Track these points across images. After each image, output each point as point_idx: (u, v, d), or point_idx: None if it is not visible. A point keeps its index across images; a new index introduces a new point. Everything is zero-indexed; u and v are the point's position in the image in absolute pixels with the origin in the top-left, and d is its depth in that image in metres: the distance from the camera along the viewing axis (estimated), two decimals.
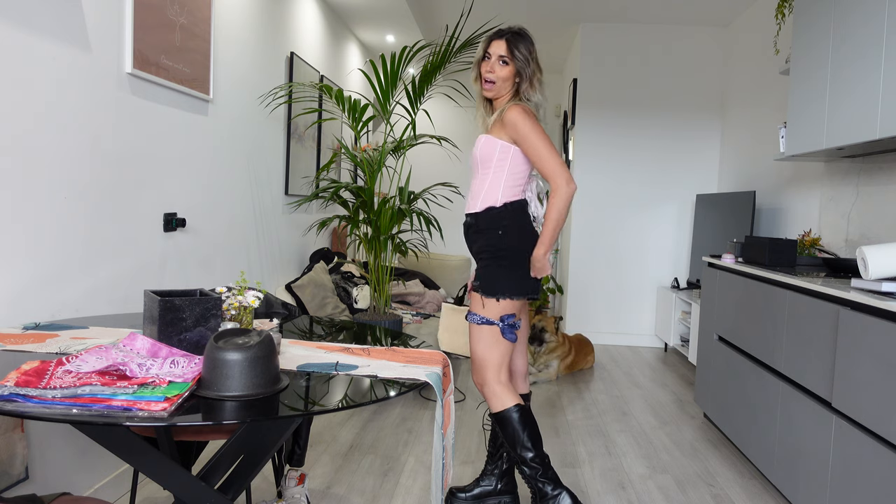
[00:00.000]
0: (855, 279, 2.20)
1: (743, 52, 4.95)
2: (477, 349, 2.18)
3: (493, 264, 2.16)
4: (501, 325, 2.14)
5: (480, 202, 2.19)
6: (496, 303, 2.13)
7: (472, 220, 2.23)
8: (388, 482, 2.59)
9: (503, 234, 2.15)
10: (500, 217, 2.17)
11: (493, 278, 2.15)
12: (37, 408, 1.11)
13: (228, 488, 1.44)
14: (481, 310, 2.16)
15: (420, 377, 1.43)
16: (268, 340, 1.28)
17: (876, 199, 3.02)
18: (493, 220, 2.17)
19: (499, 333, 2.14)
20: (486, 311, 2.15)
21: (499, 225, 2.17)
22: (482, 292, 2.15)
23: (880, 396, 1.89)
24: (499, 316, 2.14)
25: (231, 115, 3.14)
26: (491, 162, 2.17)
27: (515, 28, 2.20)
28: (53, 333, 1.69)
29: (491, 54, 2.17)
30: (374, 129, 5.99)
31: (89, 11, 2.09)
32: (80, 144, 2.08)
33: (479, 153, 2.20)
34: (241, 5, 3.24)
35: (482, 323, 2.15)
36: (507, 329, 2.15)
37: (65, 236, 2.04)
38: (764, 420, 2.67)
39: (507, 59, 2.15)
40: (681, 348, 4.88)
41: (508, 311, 2.15)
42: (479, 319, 2.16)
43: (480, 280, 2.17)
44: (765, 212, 4.35)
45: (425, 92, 3.62)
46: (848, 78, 2.69)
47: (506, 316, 2.14)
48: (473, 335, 2.19)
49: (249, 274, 3.41)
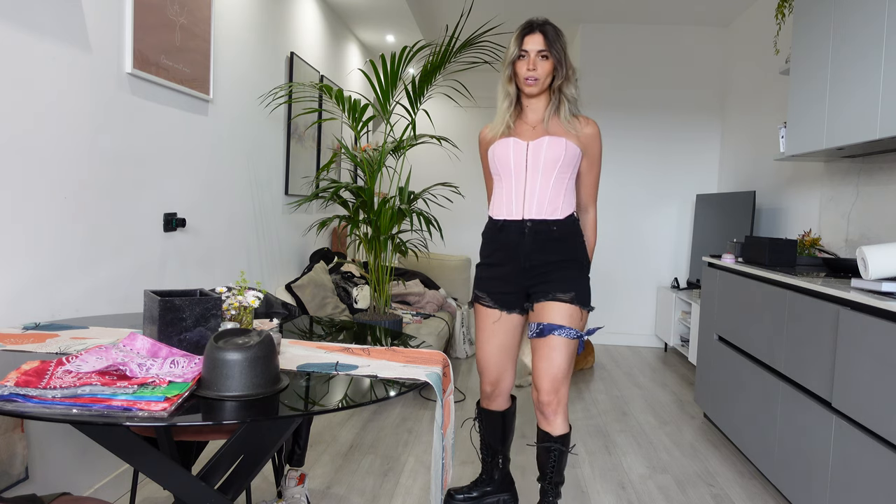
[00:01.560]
0: (855, 279, 2.20)
1: (743, 52, 4.95)
2: (564, 366, 2.07)
3: (583, 275, 2.12)
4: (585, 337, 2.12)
5: (562, 208, 2.11)
6: (586, 314, 2.11)
7: (550, 227, 2.11)
8: (388, 482, 2.59)
9: (583, 243, 2.15)
10: (577, 226, 2.15)
11: (587, 289, 2.11)
12: (37, 408, 1.11)
13: (228, 488, 1.44)
14: (577, 322, 2.08)
15: (420, 377, 1.43)
16: (268, 340, 1.28)
17: (876, 199, 3.02)
18: (575, 228, 2.13)
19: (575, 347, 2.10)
20: (579, 325, 2.09)
21: (580, 233, 2.15)
22: (580, 304, 2.08)
23: (880, 396, 1.89)
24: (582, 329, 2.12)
25: (231, 115, 3.14)
26: (570, 167, 2.10)
27: (542, 20, 2.09)
28: (53, 333, 1.69)
29: (528, 51, 2.05)
30: (374, 129, 5.99)
31: (89, 11, 2.09)
32: (80, 144, 2.08)
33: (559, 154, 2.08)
34: (241, 5, 3.23)
35: (576, 337, 2.07)
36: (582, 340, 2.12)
37: (65, 236, 2.04)
38: (764, 420, 2.67)
39: (546, 53, 2.05)
40: (681, 348, 4.88)
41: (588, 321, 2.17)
42: (575, 334, 2.07)
43: (576, 291, 2.08)
44: (765, 212, 4.35)
45: (425, 92, 3.62)
46: (848, 78, 2.69)
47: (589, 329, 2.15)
48: (564, 351, 2.06)
49: (249, 274, 3.41)
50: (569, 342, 2.06)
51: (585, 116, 2.15)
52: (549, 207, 2.09)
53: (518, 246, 2.12)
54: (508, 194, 2.13)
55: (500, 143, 2.14)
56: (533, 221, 2.10)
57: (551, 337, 2.05)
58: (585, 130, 2.11)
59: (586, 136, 2.12)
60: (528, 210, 2.10)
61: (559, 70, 2.08)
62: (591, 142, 2.13)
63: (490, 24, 3.71)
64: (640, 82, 5.47)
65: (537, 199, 2.10)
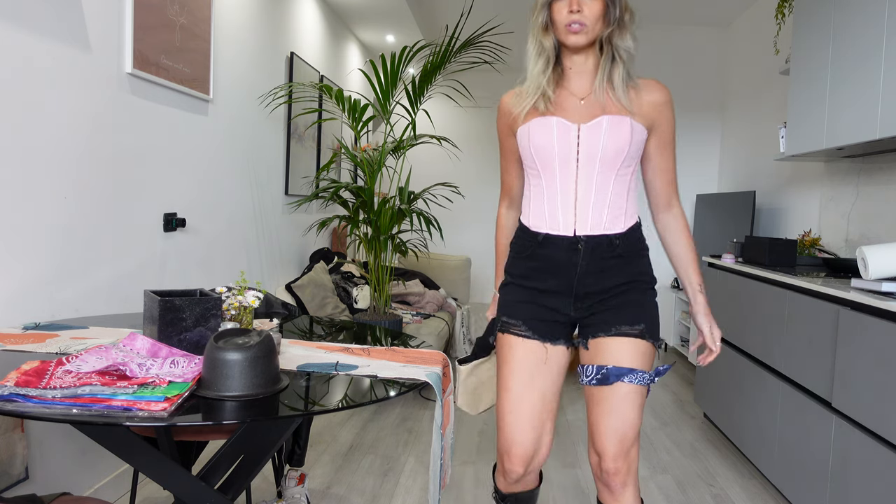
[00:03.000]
0: (855, 279, 2.20)
1: (743, 52, 4.95)
2: (637, 421, 1.51)
3: (651, 300, 1.61)
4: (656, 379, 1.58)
5: (626, 216, 1.56)
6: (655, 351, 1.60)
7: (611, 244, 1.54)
8: (388, 482, 2.59)
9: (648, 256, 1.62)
10: (642, 238, 1.61)
11: (657, 318, 1.62)
12: (37, 408, 1.11)
13: (228, 488, 1.44)
14: (648, 362, 1.55)
15: (420, 377, 1.43)
16: (268, 340, 1.28)
17: (876, 199, 3.02)
18: (640, 242, 1.60)
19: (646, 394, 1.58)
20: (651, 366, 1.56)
21: (645, 244, 1.61)
22: (652, 338, 1.56)
23: (880, 396, 1.89)
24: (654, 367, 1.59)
25: (231, 115, 3.14)
26: (636, 158, 1.55)
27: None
28: (53, 333, 1.69)
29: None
30: (374, 129, 5.99)
31: (89, 11, 2.09)
32: (80, 144, 2.08)
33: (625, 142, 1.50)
34: (241, 5, 3.23)
35: (650, 382, 1.54)
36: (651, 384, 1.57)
37: (65, 236, 2.04)
38: (764, 420, 2.67)
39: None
40: (681, 348, 4.88)
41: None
42: (648, 378, 1.53)
43: (646, 322, 1.56)
44: (765, 212, 4.34)
45: (425, 92, 3.62)
46: (848, 78, 2.69)
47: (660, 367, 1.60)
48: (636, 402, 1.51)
49: (249, 274, 3.41)
50: (641, 390, 1.52)
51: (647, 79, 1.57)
52: (610, 217, 1.53)
53: (568, 269, 1.55)
54: (552, 198, 1.54)
55: (538, 123, 1.52)
56: (589, 238, 1.53)
57: (619, 385, 1.50)
58: (651, 98, 1.53)
59: (653, 105, 1.53)
60: (582, 222, 1.53)
61: (611, 11, 1.50)
62: (660, 114, 1.54)
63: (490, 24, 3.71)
64: None
65: (594, 206, 1.53)
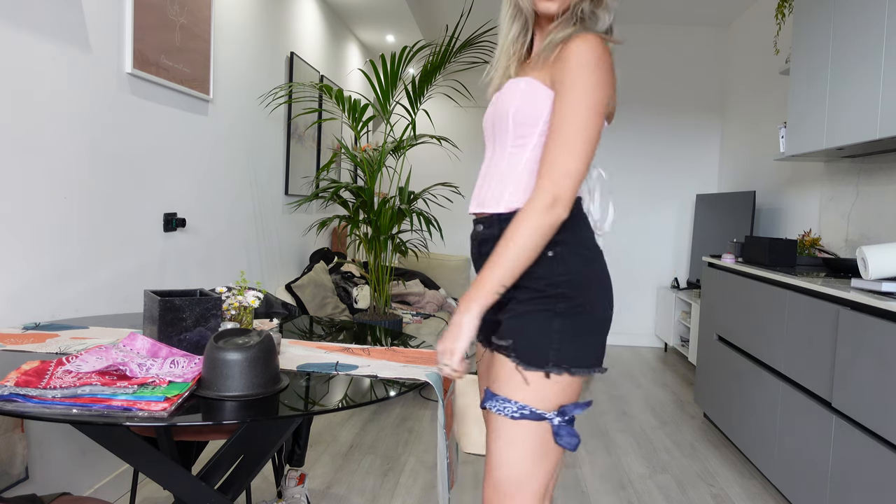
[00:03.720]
0: (855, 279, 2.20)
1: (743, 52, 4.95)
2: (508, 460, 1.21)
3: (540, 310, 1.22)
4: (557, 420, 1.20)
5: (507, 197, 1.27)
6: (546, 380, 1.20)
7: (489, 230, 1.30)
8: (388, 482, 2.59)
9: (556, 256, 1.23)
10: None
11: (543, 334, 1.21)
12: (37, 408, 1.11)
13: (228, 488, 1.44)
14: (518, 392, 1.20)
15: (420, 377, 1.43)
16: (268, 340, 1.28)
17: (876, 199, 3.02)
18: None
19: (549, 435, 1.21)
20: (526, 395, 1.20)
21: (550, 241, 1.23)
22: (519, 359, 1.21)
23: (880, 396, 1.89)
24: (555, 404, 1.21)
25: (231, 115, 3.14)
26: (533, 124, 1.25)
27: None
28: (53, 333, 1.69)
29: None
30: (374, 129, 5.99)
31: (89, 11, 2.09)
32: (80, 144, 2.08)
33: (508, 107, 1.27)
34: (241, 5, 3.23)
35: (521, 417, 1.20)
36: (564, 428, 1.20)
37: (65, 236, 2.04)
38: (764, 420, 2.67)
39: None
40: (681, 348, 4.88)
41: (570, 395, 1.22)
42: (514, 409, 1.20)
43: (514, 337, 1.22)
44: (765, 212, 4.34)
45: (425, 92, 3.62)
46: (848, 78, 2.69)
47: (572, 405, 1.22)
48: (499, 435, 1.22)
49: (249, 274, 3.41)
50: (506, 423, 1.21)
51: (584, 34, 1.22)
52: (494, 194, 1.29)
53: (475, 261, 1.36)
54: None
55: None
56: (478, 219, 1.34)
57: (487, 412, 1.26)
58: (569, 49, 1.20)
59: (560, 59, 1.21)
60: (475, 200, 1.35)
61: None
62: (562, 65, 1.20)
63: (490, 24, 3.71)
64: (640, 82, 5.47)
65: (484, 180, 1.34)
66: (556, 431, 1.21)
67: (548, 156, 1.18)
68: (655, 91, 5.45)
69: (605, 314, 1.26)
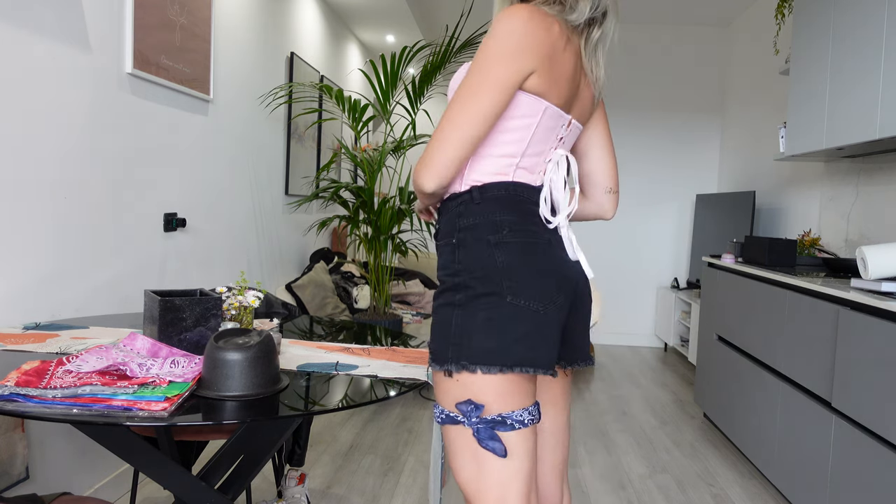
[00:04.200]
0: (855, 279, 2.20)
1: (743, 52, 4.95)
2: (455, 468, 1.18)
3: (442, 303, 1.17)
4: (473, 423, 1.13)
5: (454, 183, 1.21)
6: (450, 380, 1.14)
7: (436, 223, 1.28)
8: (388, 482, 2.59)
9: (458, 243, 1.17)
10: (458, 216, 1.18)
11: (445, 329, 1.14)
12: (37, 408, 1.11)
13: (228, 488, 1.44)
14: (438, 394, 1.18)
15: (420, 377, 1.43)
16: (268, 340, 1.28)
17: (876, 199, 3.02)
18: (451, 221, 1.20)
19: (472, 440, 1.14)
20: (442, 397, 1.17)
21: (454, 227, 1.18)
22: (431, 358, 1.17)
23: (880, 396, 1.89)
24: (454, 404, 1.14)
25: (231, 115, 3.14)
26: None
27: None
28: (54, 333, 1.69)
29: None
30: (374, 129, 5.99)
31: (89, 11, 2.09)
32: (81, 144, 2.08)
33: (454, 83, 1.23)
34: (241, 5, 3.24)
35: (442, 422, 1.17)
36: (484, 431, 1.12)
37: (65, 236, 2.04)
38: (764, 420, 2.67)
39: None
40: (681, 348, 4.88)
41: (484, 396, 1.12)
42: (437, 413, 1.18)
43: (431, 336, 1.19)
44: (764, 212, 4.35)
45: (425, 92, 3.62)
46: (848, 78, 2.69)
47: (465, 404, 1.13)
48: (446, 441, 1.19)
49: (249, 274, 3.41)
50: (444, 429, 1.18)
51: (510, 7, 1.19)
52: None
53: None
54: None
55: None
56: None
57: None
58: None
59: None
60: None
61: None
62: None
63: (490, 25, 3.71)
64: (640, 82, 5.47)
65: None
66: (476, 435, 1.13)
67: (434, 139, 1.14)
68: (656, 91, 5.45)
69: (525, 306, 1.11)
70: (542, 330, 1.13)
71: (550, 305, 1.14)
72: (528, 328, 1.12)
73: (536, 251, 1.16)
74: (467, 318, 1.12)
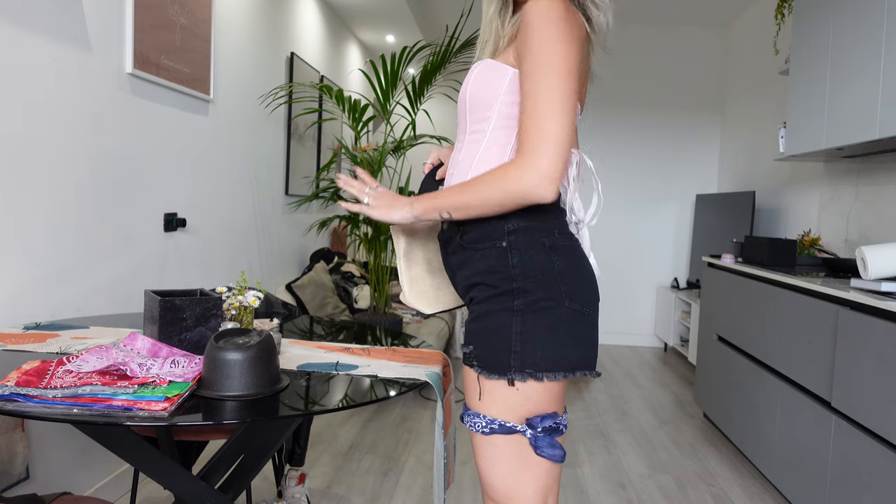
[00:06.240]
0: (854, 279, 2.20)
1: (743, 52, 4.95)
2: (493, 479, 1.15)
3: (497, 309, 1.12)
4: (532, 433, 1.11)
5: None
6: (511, 389, 1.10)
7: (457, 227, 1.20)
8: (388, 482, 2.59)
9: (510, 246, 1.12)
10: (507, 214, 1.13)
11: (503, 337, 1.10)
12: (37, 408, 1.11)
13: (228, 488, 1.44)
14: (485, 404, 1.13)
15: (420, 377, 1.43)
16: (268, 340, 1.28)
17: (875, 199, 3.02)
18: (491, 223, 1.14)
19: (528, 448, 1.12)
20: (493, 407, 1.12)
21: (500, 230, 1.13)
22: (480, 367, 1.12)
23: (880, 396, 1.89)
24: (523, 415, 1.11)
25: (231, 115, 3.14)
26: (490, 108, 1.15)
27: None
28: (54, 333, 1.69)
29: None
30: (374, 129, 5.99)
31: (89, 11, 2.09)
32: (81, 144, 2.09)
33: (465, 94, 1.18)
34: (241, 5, 3.24)
35: (491, 432, 1.13)
36: (543, 439, 1.11)
37: (65, 236, 2.04)
38: (764, 420, 2.67)
39: None
40: (681, 348, 4.88)
41: (544, 404, 1.11)
42: (483, 424, 1.13)
43: (474, 342, 1.13)
44: (764, 212, 4.35)
45: (425, 92, 3.62)
46: (847, 78, 2.69)
47: (539, 417, 1.11)
48: (478, 453, 1.16)
49: (249, 274, 3.41)
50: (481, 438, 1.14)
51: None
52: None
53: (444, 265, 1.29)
54: None
55: None
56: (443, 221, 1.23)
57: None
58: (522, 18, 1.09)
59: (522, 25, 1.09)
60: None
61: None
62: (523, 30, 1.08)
63: None
64: (640, 82, 5.47)
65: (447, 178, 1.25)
66: (534, 444, 1.11)
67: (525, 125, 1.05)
68: (655, 91, 5.45)
69: (579, 310, 1.10)
70: (593, 333, 1.14)
71: (596, 308, 1.15)
72: (584, 332, 1.11)
73: (580, 253, 1.16)
74: (529, 325, 1.08)
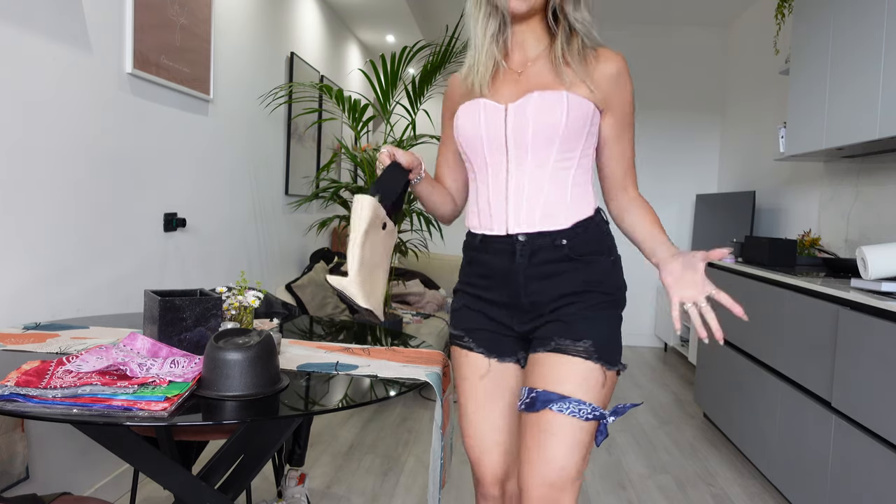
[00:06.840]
0: (855, 279, 2.20)
1: (743, 52, 4.95)
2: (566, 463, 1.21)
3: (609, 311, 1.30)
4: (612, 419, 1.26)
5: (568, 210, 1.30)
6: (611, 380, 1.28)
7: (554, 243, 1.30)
8: (388, 482, 2.59)
9: (615, 262, 1.36)
10: (605, 234, 1.36)
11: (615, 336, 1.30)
12: (37, 408, 1.11)
13: (228, 488, 1.44)
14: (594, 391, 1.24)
15: (420, 377, 1.43)
16: (268, 340, 1.28)
17: (876, 199, 3.02)
18: (599, 243, 1.33)
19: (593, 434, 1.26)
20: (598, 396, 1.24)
21: (607, 245, 1.35)
22: (602, 359, 1.25)
23: (880, 396, 1.89)
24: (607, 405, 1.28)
25: (231, 115, 3.14)
26: (578, 138, 1.28)
27: None
28: (54, 333, 1.69)
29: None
30: (374, 129, 5.99)
31: (89, 11, 2.09)
32: (81, 144, 2.09)
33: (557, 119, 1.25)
34: (241, 5, 3.23)
35: (592, 417, 1.22)
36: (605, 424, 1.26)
37: (65, 236, 2.04)
38: (764, 420, 2.67)
39: None
40: (681, 348, 4.88)
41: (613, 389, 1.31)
42: (589, 411, 1.22)
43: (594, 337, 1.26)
44: (764, 212, 4.35)
45: (425, 92, 3.62)
46: (847, 78, 2.69)
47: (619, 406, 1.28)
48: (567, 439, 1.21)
49: (249, 274, 3.41)
50: (575, 424, 1.22)
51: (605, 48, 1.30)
52: (546, 212, 1.29)
53: (509, 275, 1.32)
54: (486, 194, 1.33)
55: (468, 107, 1.33)
56: (528, 237, 1.30)
57: (546, 413, 1.22)
58: (605, 69, 1.28)
59: (606, 77, 1.28)
60: (515, 218, 1.30)
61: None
62: (615, 86, 1.29)
63: None
64: (639, 82, 5.47)
65: (527, 200, 1.29)
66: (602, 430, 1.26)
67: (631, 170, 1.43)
68: (655, 91, 5.45)
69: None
70: None
71: None
72: None
73: None
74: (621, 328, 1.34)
